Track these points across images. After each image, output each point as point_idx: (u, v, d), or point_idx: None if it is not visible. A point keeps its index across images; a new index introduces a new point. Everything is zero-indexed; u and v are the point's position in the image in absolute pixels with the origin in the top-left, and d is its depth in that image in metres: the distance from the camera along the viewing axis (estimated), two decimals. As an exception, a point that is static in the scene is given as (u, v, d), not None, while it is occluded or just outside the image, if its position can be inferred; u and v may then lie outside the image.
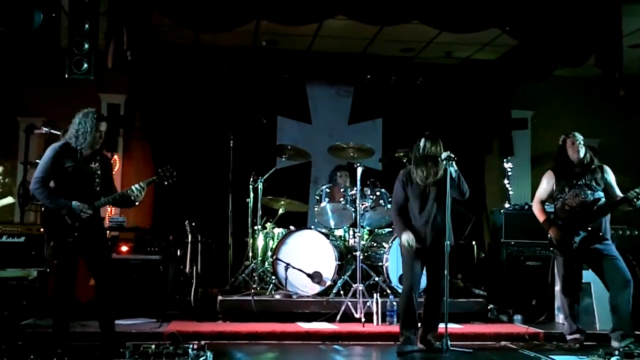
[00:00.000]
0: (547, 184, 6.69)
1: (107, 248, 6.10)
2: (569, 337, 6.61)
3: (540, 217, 6.69)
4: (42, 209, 5.68)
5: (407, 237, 6.02)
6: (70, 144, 5.67)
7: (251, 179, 8.40)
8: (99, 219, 5.84)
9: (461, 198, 6.25)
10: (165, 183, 6.03)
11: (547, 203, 6.77)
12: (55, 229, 5.58)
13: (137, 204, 5.89)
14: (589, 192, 6.43)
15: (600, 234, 6.41)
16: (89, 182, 5.71)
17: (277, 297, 7.69)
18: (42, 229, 5.74)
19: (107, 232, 7.99)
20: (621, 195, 6.40)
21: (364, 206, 8.04)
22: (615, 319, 6.39)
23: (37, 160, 9.14)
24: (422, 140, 6.17)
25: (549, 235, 6.59)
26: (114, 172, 9.16)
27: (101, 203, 5.79)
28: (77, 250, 5.65)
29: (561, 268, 6.62)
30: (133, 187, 5.79)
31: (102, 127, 5.79)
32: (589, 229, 6.39)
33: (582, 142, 6.52)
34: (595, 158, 6.57)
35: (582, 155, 6.49)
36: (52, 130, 9.30)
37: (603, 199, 6.42)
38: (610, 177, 6.54)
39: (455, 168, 6.04)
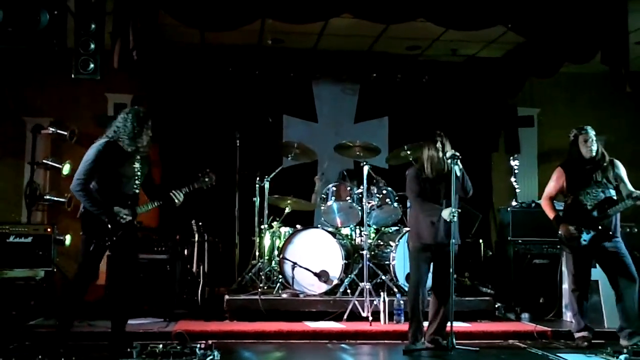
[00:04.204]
0: (556, 180, 6.66)
1: (137, 251, 6.07)
2: (576, 335, 6.60)
3: (550, 214, 6.66)
4: (82, 209, 5.58)
5: (448, 211, 5.97)
6: (113, 142, 5.59)
7: (257, 178, 8.40)
8: (134, 222, 5.78)
9: (465, 196, 6.26)
10: (205, 188, 6.02)
11: (555, 200, 6.75)
12: (95, 231, 5.52)
13: (176, 205, 5.90)
14: (600, 190, 6.40)
15: (610, 232, 6.38)
16: (129, 183, 5.68)
17: (284, 296, 7.70)
18: (81, 232, 5.65)
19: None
20: (633, 190, 6.38)
21: (370, 205, 8.04)
22: (622, 317, 6.39)
23: (44, 161, 9.24)
24: (439, 138, 6.16)
25: (559, 233, 6.57)
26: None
27: (142, 209, 5.78)
28: (106, 251, 5.65)
29: (570, 265, 6.60)
30: (175, 192, 5.82)
31: (150, 124, 5.77)
32: (599, 227, 6.36)
33: (594, 139, 6.46)
34: (605, 153, 6.52)
35: (594, 152, 6.44)
36: (58, 130, 9.38)
37: (614, 198, 6.39)
38: (622, 172, 6.50)
39: (460, 166, 6.04)
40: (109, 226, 5.50)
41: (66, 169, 9.10)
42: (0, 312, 6.99)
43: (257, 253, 8.37)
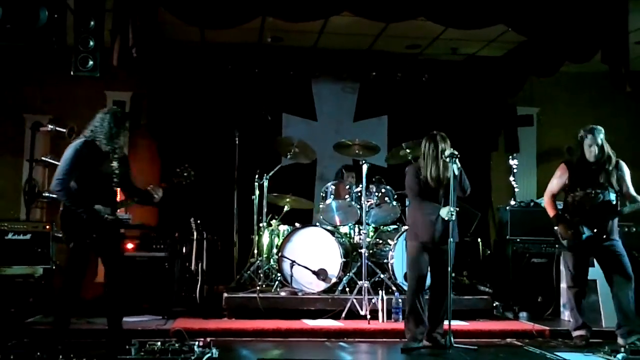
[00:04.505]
0: (560, 177, 6.63)
1: (121, 247, 6.07)
2: (574, 333, 6.60)
3: (550, 212, 6.64)
4: (61, 209, 5.62)
5: (447, 209, 5.97)
6: (90, 142, 5.62)
7: (256, 176, 8.41)
8: (116, 220, 5.81)
9: (462, 195, 6.24)
10: (184, 183, 6.03)
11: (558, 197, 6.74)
12: (74, 230, 5.56)
13: (155, 200, 5.92)
14: (600, 193, 6.38)
15: (604, 236, 6.39)
16: (108, 181, 5.70)
17: (283, 294, 7.70)
18: (60, 231, 5.74)
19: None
20: (634, 194, 6.38)
21: (369, 203, 8.03)
22: (619, 315, 6.40)
23: (43, 158, 9.23)
24: (436, 139, 6.16)
25: (555, 228, 6.57)
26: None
27: (121, 205, 5.82)
28: (92, 250, 5.67)
29: (567, 262, 6.63)
30: (151, 189, 5.84)
31: (127, 125, 5.84)
32: (594, 230, 6.37)
33: (599, 143, 6.35)
34: (611, 154, 6.42)
35: (596, 158, 6.38)
36: (57, 128, 9.35)
37: (614, 202, 6.38)
38: (626, 175, 6.46)
39: (459, 165, 6.03)
40: (88, 224, 5.53)
41: (65, 166, 9.08)
42: (-2, 310, 7.00)
43: (255, 251, 8.37)
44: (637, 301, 6.57)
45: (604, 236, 6.38)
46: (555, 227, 6.58)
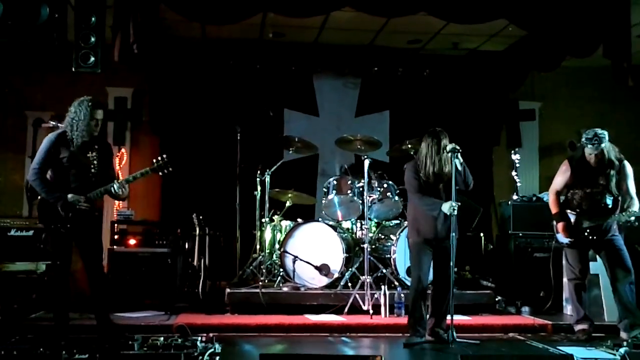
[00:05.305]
0: (563, 174, 6.62)
1: (100, 239, 6.06)
2: (576, 327, 6.61)
3: (553, 209, 6.64)
4: (38, 199, 5.74)
5: (449, 204, 5.97)
6: (66, 133, 5.71)
7: (258, 172, 8.41)
8: (93, 210, 5.83)
9: (466, 189, 6.26)
10: (160, 173, 6.00)
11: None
12: (50, 220, 5.64)
13: (122, 197, 5.96)
14: (598, 194, 6.39)
15: (594, 237, 6.42)
16: (85, 171, 5.74)
17: (285, 289, 7.71)
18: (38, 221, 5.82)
19: (115, 225, 8.05)
20: (634, 196, 6.38)
21: (371, 198, 8.04)
22: (620, 309, 6.43)
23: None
24: (437, 135, 6.17)
25: (552, 223, 6.58)
26: (121, 165, 9.32)
27: (94, 195, 5.78)
28: (71, 241, 5.69)
29: (567, 254, 6.66)
30: (114, 185, 5.77)
31: (99, 115, 5.83)
32: (588, 231, 6.39)
33: (598, 155, 6.32)
34: (614, 159, 6.37)
35: (595, 164, 6.37)
36: (59, 124, 9.31)
37: (610, 206, 6.38)
38: (628, 176, 6.44)
39: (461, 160, 6.04)
40: (62, 213, 5.57)
41: (67, 162, 9.08)
42: (1, 306, 6.99)
43: (258, 246, 8.39)
44: (639, 294, 6.58)
45: (594, 237, 6.42)
46: (554, 223, 6.59)
